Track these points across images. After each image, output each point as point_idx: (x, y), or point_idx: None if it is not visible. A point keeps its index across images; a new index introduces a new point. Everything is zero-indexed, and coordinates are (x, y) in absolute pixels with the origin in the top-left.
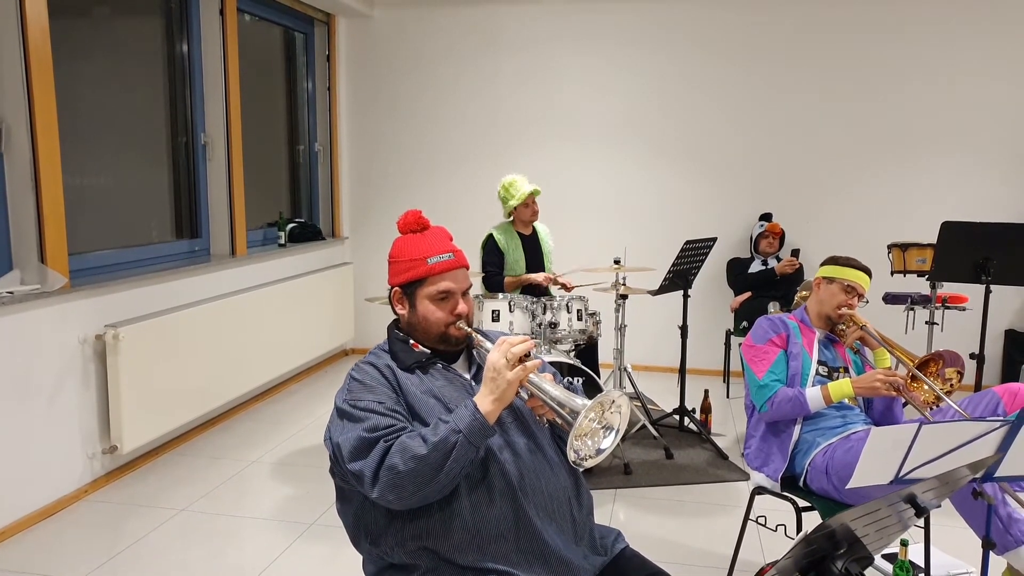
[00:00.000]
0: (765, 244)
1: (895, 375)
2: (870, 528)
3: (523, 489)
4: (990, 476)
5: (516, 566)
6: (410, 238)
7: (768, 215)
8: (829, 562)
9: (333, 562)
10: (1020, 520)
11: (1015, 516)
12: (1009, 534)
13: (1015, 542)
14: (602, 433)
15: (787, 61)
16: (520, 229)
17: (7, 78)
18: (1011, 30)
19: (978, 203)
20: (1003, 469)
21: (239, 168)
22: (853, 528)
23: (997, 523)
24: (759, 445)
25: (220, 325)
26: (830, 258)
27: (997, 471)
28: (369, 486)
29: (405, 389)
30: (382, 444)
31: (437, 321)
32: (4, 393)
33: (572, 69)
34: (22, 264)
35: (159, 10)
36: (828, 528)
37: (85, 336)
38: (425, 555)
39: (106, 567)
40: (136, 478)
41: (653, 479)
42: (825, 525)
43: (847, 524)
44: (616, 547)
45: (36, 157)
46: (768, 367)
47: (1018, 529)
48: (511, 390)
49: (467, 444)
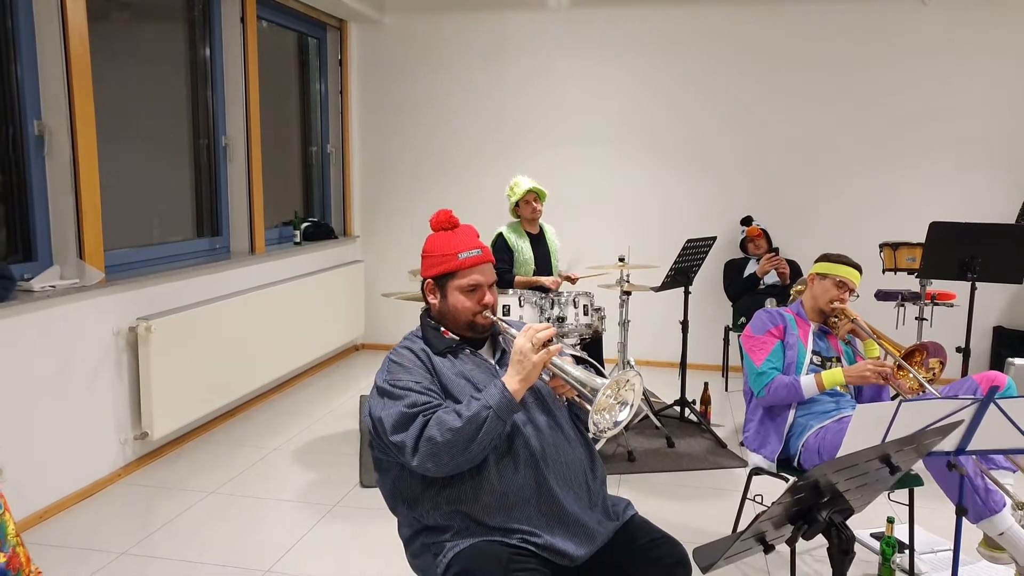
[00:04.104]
0: (752, 247)
1: (884, 365)
2: (851, 484)
3: (544, 460)
4: (962, 450)
5: (538, 527)
6: (442, 235)
7: (748, 219)
8: (815, 511)
9: (357, 540)
10: (995, 492)
11: (991, 488)
12: (984, 505)
13: (989, 511)
14: (618, 408)
15: (784, 67)
16: (527, 228)
17: (50, 85)
18: (998, 39)
19: (967, 204)
20: (974, 443)
21: (258, 169)
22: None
23: (975, 495)
24: (757, 428)
25: (241, 319)
26: (823, 255)
27: (969, 445)
28: (410, 456)
29: (439, 371)
30: (421, 418)
31: (466, 310)
32: (46, 381)
33: (576, 73)
34: (62, 260)
35: (183, 18)
36: (812, 479)
37: (119, 328)
38: (458, 517)
39: (144, 543)
40: (165, 463)
41: (655, 466)
42: (809, 475)
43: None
44: (627, 514)
45: (76, 159)
46: (766, 356)
47: (992, 500)
48: (536, 371)
49: (496, 419)
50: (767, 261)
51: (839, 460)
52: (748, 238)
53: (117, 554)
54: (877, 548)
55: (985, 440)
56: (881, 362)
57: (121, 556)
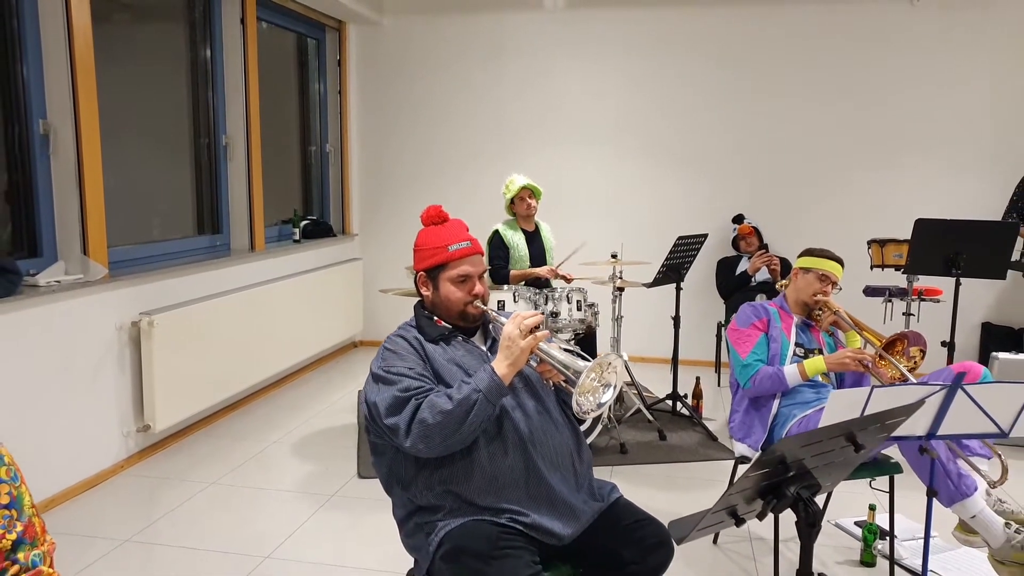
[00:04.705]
0: (744, 245)
1: (863, 353)
2: (817, 461)
3: (532, 443)
4: (933, 435)
5: (526, 507)
6: (432, 229)
7: (739, 217)
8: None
9: (354, 528)
10: (967, 476)
11: (963, 473)
12: (956, 489)
13: (961, 495)
14: (602, 390)
15: (777, 68)
16: (523, 225)
17: (55, 86)
18: (987, 40)
19: (957, 203)
20: (944, 428)
21: (258, 167)
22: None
23: (947, 480)
24: (742, 419)
25: (241, 315)
26: (806, 250)
27: (939, 430)
28: (403, 437)
29: (431, 357)
30: (413, 402)
31: (457, 300)
32: (52, 374)
33: (572, 74)
34: (66, 256)
35: (184, 19)
36: (778, 452)
37: (122, 323)
38: (449, 497)
39: (148, 531)
40: (167, 455)
41: (647, 458)
42: (774, 449)
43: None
44: (612, 496)
45: (80, 158)
46: (751, 348)
47: (964, 484)
48: (524, 356)
49: (485, 402)
50: (758, 259)
51: (804, 435)
52: (740, 236)
53: (121, 541)
54: (860, 534)
55: (955, 425)
56: (860, 350)
57: (125, 543)
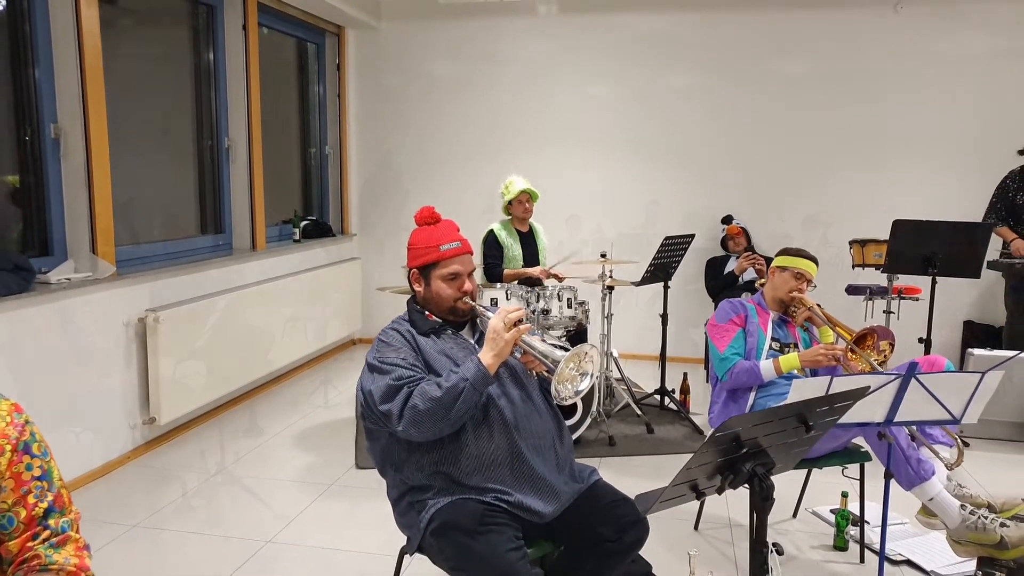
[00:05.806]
0: (732, 245)
1: (835, 348)
2: (772, 440)
3: (517, 428)
4: (890, 421)
5: (510, 487)
6: (425, 229)
7: (728, 217)
8: (739, 463)
9: (351, 516)
10: (925, 461)
11: (922, 459)
12: (916, 473)
13: (919, 479)
14: (579, 378)
15: (764, 72)
16: (517, 226)
17: (66, 91)
18: (966, 46)
19: (938, 204)
20: (901, 415)
21: (259, 169)
22: (754, 435)
23: (907, 464)
24: (720, 410)
25: (243, 313)
26: (783, 249)
27: (896, 416)
28: (396, 423)
29: (422, 349)
30: (406, 390)
31: (447, 297)
32: (62, 369)
33: (565, 78)
34: (76, 254)
35: (188, 25)
36: (732, 429)
37: (129, 319)
38: (439, 478)
39: (154, 517)
40: (172, 447)
41: (635, 450)
42: (728, 425)
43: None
44: (592, 479)
45: (89, 161)
46: (728, 343)
47: (923, 468)
48: (508, 347)
49: (472, 390)
50: (745, 259)
51: (757, 414)
52: (728, 236)
53: (129, 526)
54: (832, 520)
55: (911, 412)
56: (833, 346)
57: (133, 528)
